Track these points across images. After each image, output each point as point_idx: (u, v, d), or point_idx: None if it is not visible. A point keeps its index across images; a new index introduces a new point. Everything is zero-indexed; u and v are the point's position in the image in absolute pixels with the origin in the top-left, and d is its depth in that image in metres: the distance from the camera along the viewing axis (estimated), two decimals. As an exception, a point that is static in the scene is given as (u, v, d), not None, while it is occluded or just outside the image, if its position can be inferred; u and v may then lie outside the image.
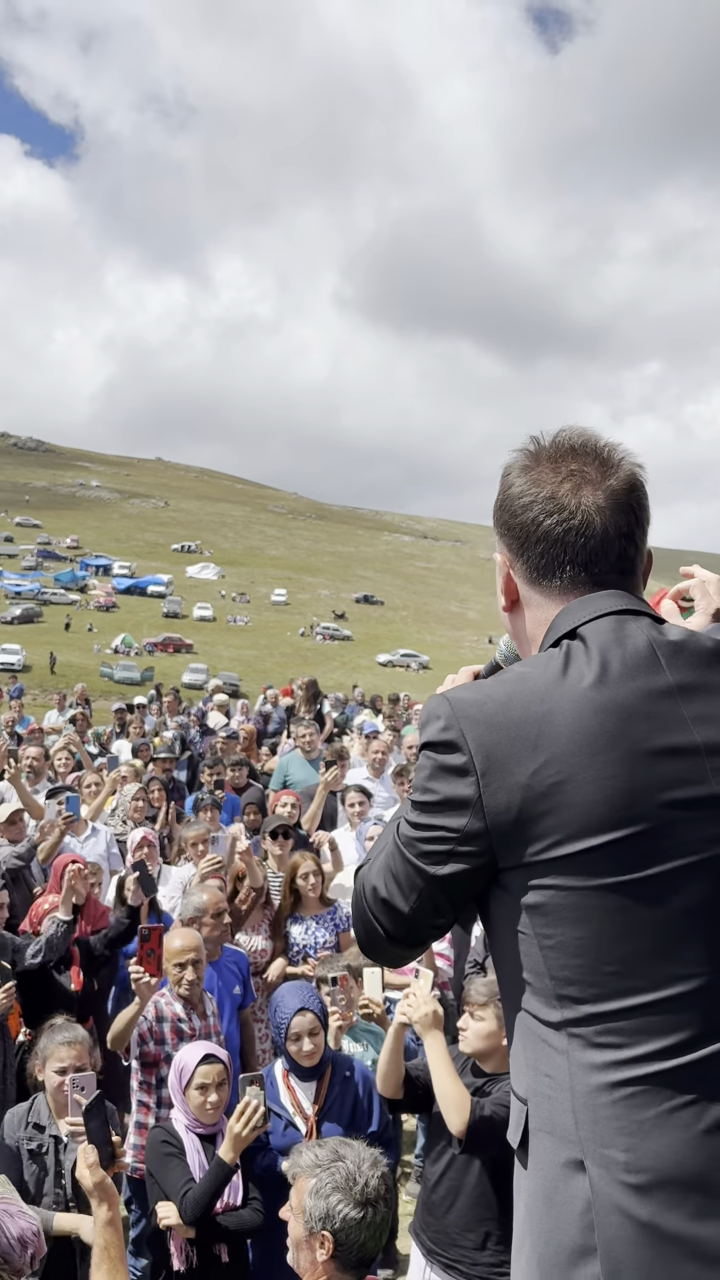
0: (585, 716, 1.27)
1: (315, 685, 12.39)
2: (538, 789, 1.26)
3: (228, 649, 65.96)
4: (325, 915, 5.42)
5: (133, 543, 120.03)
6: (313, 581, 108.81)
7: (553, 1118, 1.27)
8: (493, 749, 1.28)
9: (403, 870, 1.36)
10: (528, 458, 1.43)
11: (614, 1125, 1.22)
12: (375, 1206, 2.27)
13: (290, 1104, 3.56)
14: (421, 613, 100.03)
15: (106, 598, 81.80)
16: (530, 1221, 1.31)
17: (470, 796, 1.29)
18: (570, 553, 1.38)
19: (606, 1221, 1.21)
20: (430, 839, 1.33)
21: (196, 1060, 3.42)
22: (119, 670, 48.70)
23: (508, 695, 1.32)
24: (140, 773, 8.92)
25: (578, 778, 1.25)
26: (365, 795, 7.13)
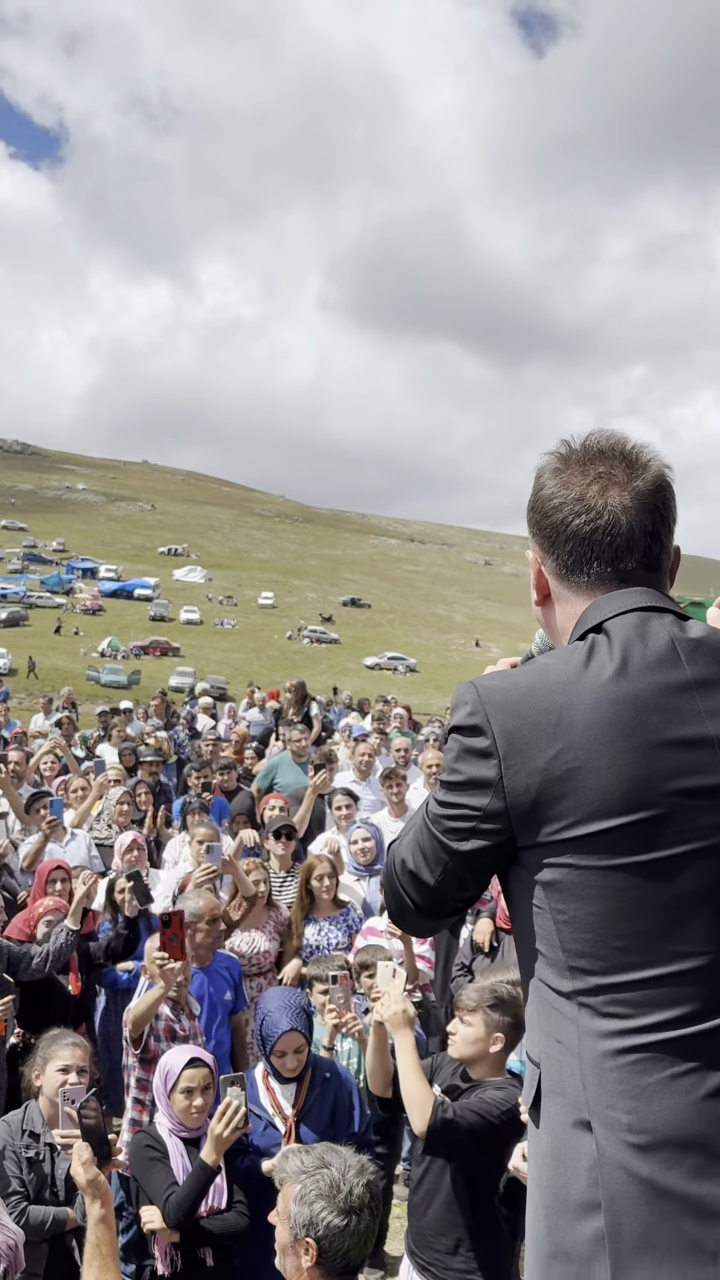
0: (603, 707, 1.35)
1: (304, 688, 12.39)
2: (555, 773, 1.34)
3: (215, 652, 65.84)
4: (339, 916, 5.44)
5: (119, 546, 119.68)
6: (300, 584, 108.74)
7: (563, 1080, 1.36)
8: (515, 734, 1.37)
9: (429, 845, 1.46)
10: (559, 461, 1.52)
11: (618, 1089, 1.31)
12: (360, 1214, 2.25)
13: (270, 1105, 3.57)
14: (408, 616, 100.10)
15: (93, 601, 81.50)
16: (540, 1177, 1.39)
17: (492, 778, 1.38)
18: (597, 550, 1.46)
19: (610, 1178, 1.30)
20: (455, 816, 1.42)
21: (182, 1064, 3.43)
22: (105, 674, 48.53)
23: (531, 684, 1.41)
24: (124, 776, 8.89)
25: (593, 765, 1.33)
26: (352, 798, 7.14)
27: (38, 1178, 3.47)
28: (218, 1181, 3.28)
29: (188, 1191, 3.18)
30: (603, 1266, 1.29)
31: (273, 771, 8.78)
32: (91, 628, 70.36)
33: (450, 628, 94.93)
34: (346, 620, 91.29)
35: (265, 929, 5.52)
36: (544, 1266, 1.36)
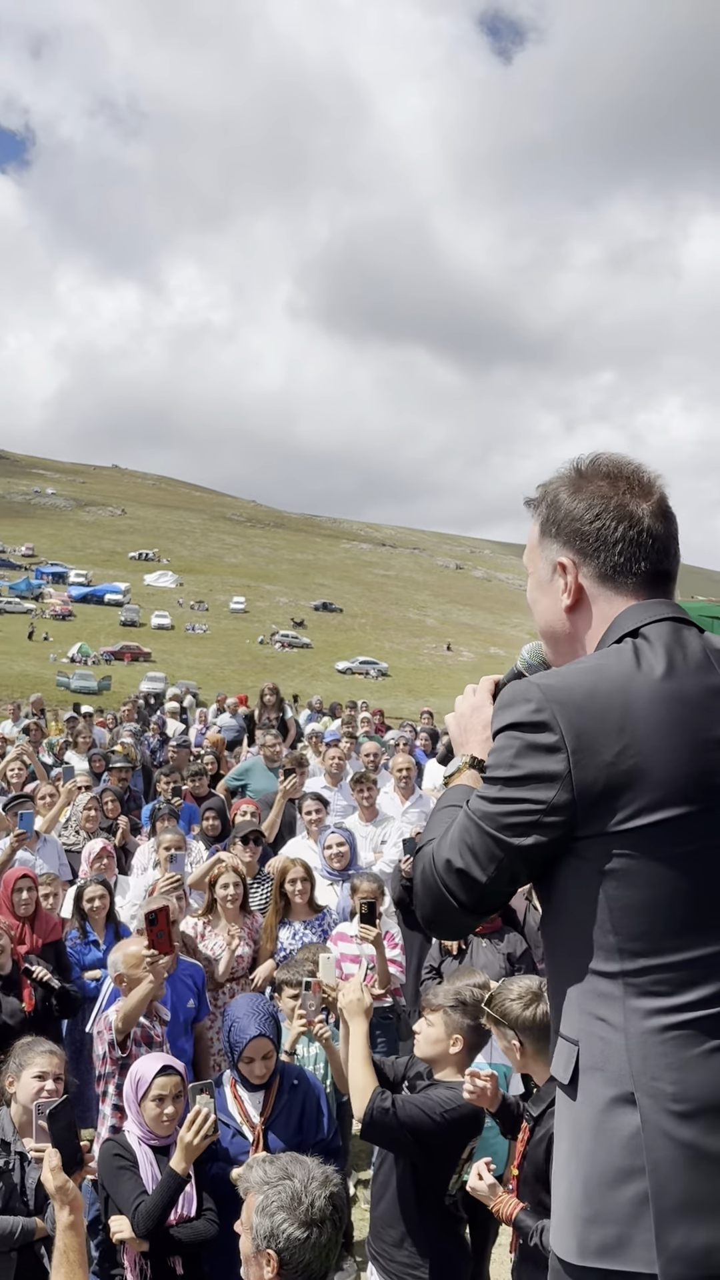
0: (658, 706, 1.48)
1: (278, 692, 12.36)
2: (620, 768, 1.45)
3: (186, 657, 65.52)
4: (314, 921, 5.42)
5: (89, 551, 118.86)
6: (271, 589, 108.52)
7: (605, 1056, 1.47)
8: (582, 730, 1.47)
9: (480, 843, 1.52)
10: (576, 476, 1.68)
11: (663, 1061, 1.43)
12: (322, 1227, 2.22)
13: (238, 1113, 3.56)
14: (380, 620, 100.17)
15: (63, 606, 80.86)
16: (577, 1148, 1.48)
17: (560, 772, 1.47)
18: (644, 552, 1.62)
19: (654, 1144, 1.42)
20: (514, 812, 1.49)
21: (154, 1072, 3.41)
22: (75, 679, 48.13)
23: (592, 684, 1.51)
24: (93, 783, 8.83)
25: (654, 759, 1.46)
26: (322, 803, 7.13)
27: (6, 1187, 3.44)
28: (187, 1190, 3.26)
29: (157, 1201, 3.16)
30: (645, 1226, 1.40)
31: (244, 775, 8.75)
32: (61, 633, 69.78)
33: (422, 632, 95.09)
34: (318, 625, 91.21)
35: (242, 934, 5.49)
36: (581, 1232, 1.45)
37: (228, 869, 5.57)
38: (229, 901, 5.42)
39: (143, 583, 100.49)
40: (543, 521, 1.71)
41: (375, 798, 7.27)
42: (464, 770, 1.76)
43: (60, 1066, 3.64)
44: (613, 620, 1.62)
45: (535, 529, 1.75)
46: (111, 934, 5.55)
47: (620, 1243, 1.42)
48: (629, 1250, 1.41)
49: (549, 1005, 1.70)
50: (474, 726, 1.80)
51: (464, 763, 1.77)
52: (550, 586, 1.69)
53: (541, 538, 1.71)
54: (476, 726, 1.80)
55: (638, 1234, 1.41)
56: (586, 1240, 1.44)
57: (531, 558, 1.75)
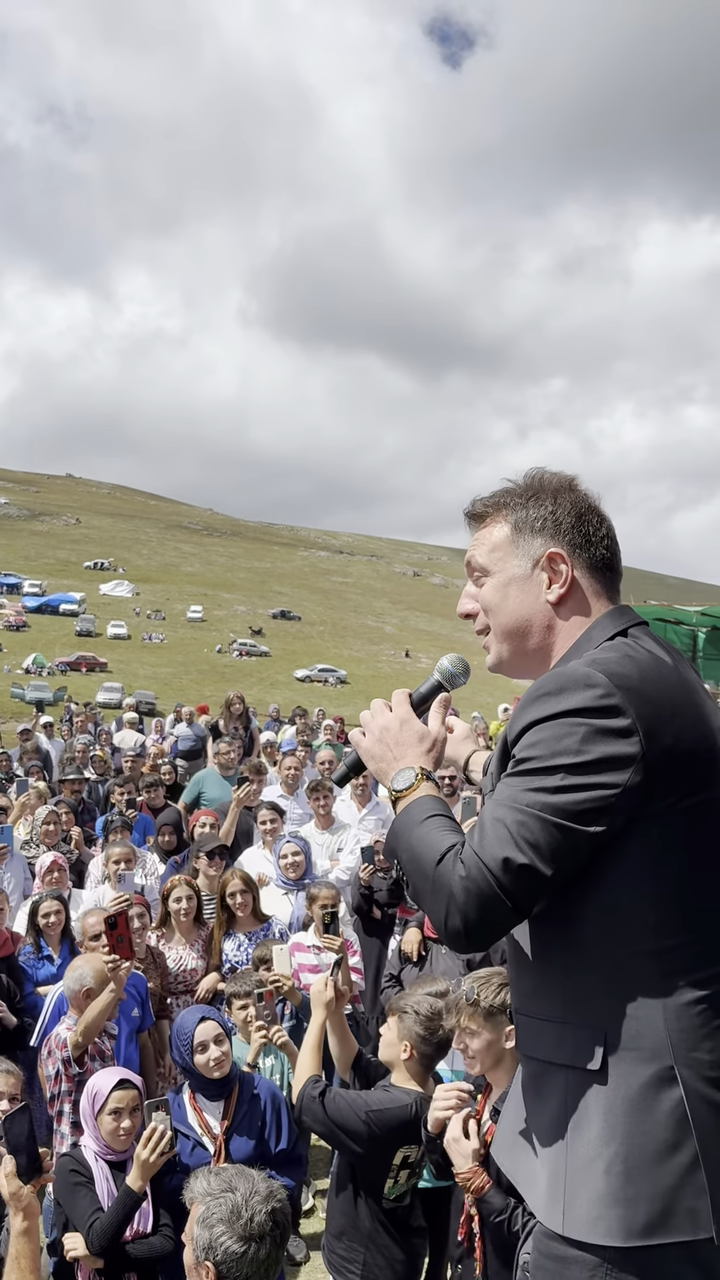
0: (686, 693, 1.58)
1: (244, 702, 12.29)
2: (677, 750, 1.52)
3: (143, 667, 65.01)
4: (258, 932, 5.39)
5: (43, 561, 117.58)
6: (229, 598, 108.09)
7: (639, 1035, 1.50)
8: (648, 714, 1.52)
9: (545, 836, 1.49)
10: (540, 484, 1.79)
11: (700, 1032, 1.49)
12: (260, 1242, 2.19)
13: (198, 1125, 3.54)
14: (339, 628, 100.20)
15: (16, 617, 79.83)
16: (614, 1130, 1.49)
17: (635, 754, 1.50)
18: (617, 554, 1.77)
19: (698, 1111, 1.47)
20: (586, 799, 1.49)
21: (110, 1086, 3.38)
22: (30, 691, 47.51)
23: (640, 671, 1.57)
24: (46, 796, 8.71)
25: (697, 743, 1.54)
26: (277, 812, 7.10)
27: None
28: (144, 1205, 3.23)
29: (112, 1218, 3.13)
30: (691, 1194, 1.45)
31: (198, 785, 8.68)
32: (15, 644, 68.90)
33: (380, 639, 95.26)
34: (276, 633, 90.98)
35: (194, 946, 5.48)
36: (625, 1214, 1.46)
37: (180, 882, 5.57)
38: (182, 915, 5.46)
39: (98, 592, 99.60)
40: (518, 521, 1.77)
41: (331, 805, 7.25)
42: (420, 783, 1.70)
43: (17, 1086, 3.58)
44: (596, 619, 1.71)
45: (501, 530, 1.79)
46: (67, 949, 5.48)
47: (665, 1216, 1.45)
48: (673, 1221, 1.44)
49: (531, 999, 1.66)
50: (407, 740, 1.76)
51: (419, 775, 1.71)
52: (529, 581, 1.75)
53: (516, 536, 1.77)
54: (410, 740, 1.75)
55: (682, 1203, 1.44)
56: (633, 1220, 1.46)
57: (498, 556, 1.79)
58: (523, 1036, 1.71)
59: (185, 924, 5.49)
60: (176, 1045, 3.62)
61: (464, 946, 1.55)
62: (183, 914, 5.46)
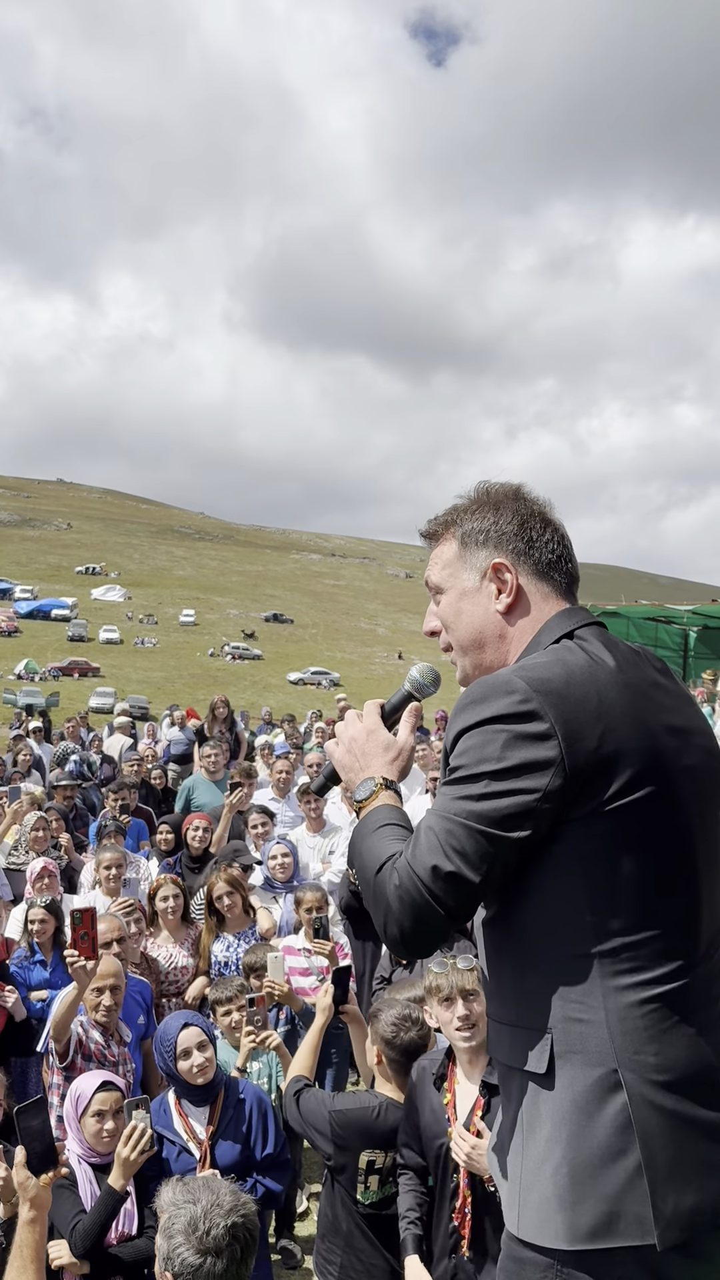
0: (621, 694, 1.57)
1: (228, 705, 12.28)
2: (603, 751, 1.52)
3: (136, 671, 64.91)
4: (247, 932, 5.40)
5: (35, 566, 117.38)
6: (221, 601, 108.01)
7: (584, 1038, 1.50)
8: (569, 717, 1.52)
9: (470, 843, 1.51)
10: (487, 498, 1.82)
11: (644, 1034, 1.49)
12: (218, 1256, 2.16)
13: (184, 1130, 3.54)
14: (331, 630, 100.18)
15: (8, 622, 79.66)
16: (560, 1132, 1.50)
17: (554, 758, 1.50)
18: (567, 555, 1.79)
19: (642, 1116, 1.46)
20: (507, 805, 1.51)
21: (94, 1088, 3.39)
22: (23, 696, 47.38)
23: (565, 674, 1.58)
24: (40, 801, 8.70)
25: (627, 743, 1.53)
26: (268, 815, 7.10)
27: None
28: (128, 1207, 3.24)
29: (94, 1219, 3.14)
30: (636, 1199, 1.44)
31: (188, 791, 8.68)
32: (7, 649, 68.74)
33: (373, 641, 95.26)
34: (269, 636, 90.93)
35: (184, 945, 5.50)
36: (570, 1217, 1.47)
37: (167, 881, 5.60)
38: (170, 913, 5.49)
39: (90, 597, 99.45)
40: (464, 535, 1.81)
41: (323, 808, 7.26)
42: (379, 793, 1.74)
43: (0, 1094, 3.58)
44: (544, 622, 1.73)
45: (451, 546, 1.84)
46: (58, 956, 5.48)
47: (610, 1220, 1.45)
48: (619, 1226, 1.44)
49: (492, 1001, 1.68)
50: (372, 750, 1.80)
51: (378, 785, 1.75)
52: (479, 593, 1.78)
53: (464, 550, 1.81)
54: (375, 750, 1.80)
55: (627, 1208, 1.44)
56: (577, 1224, 1.46)
57: (449, 573, 1.83)
58: (490, 1040, 1.74)
59: (173, 922, 5.52)
60: (160, 1051, 3.63)
61: (403, 953, 1.59)
62: (170, 912, 5.50)
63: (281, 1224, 4.89)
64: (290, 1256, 4.75)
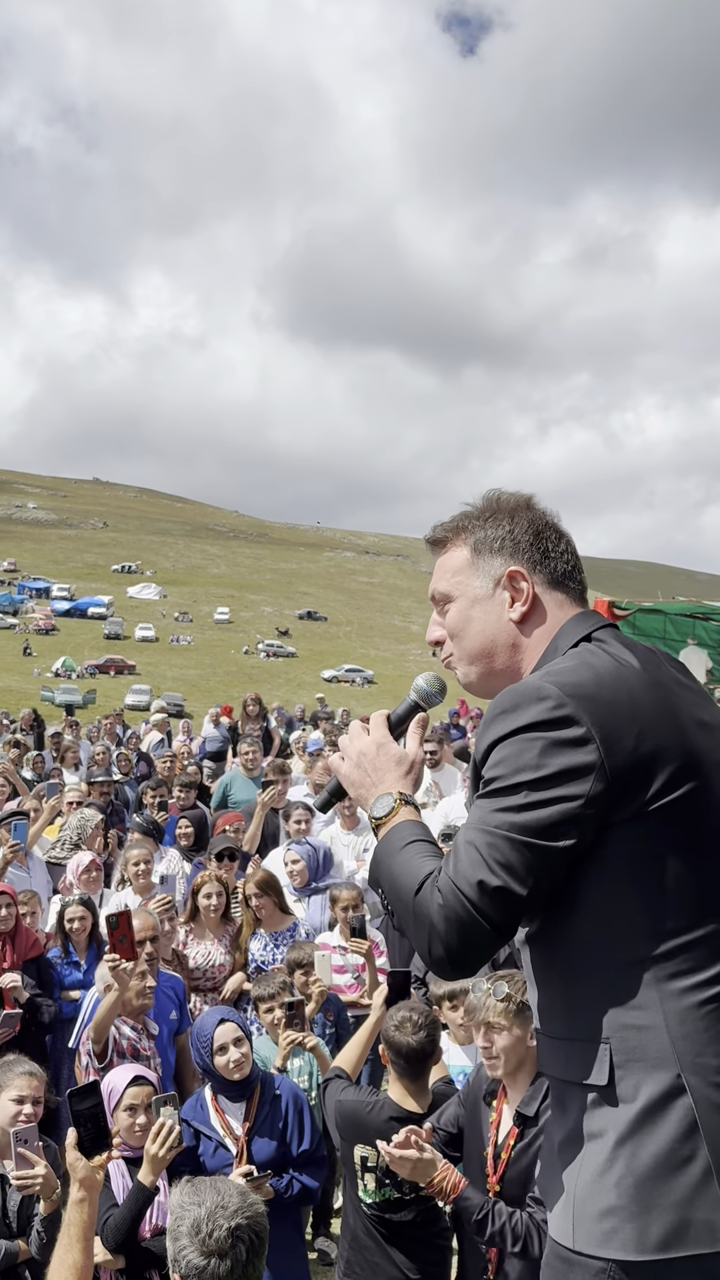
0: (650, 692, 1.56)
1: (260, 702, 12.32)
2: (643, 751, 1.50)
3: (171, 669, 65.37)
4: (284, 932, 5.39)
5: (72, 564, 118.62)
6: (255, 599, 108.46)
7: (644, 1045, 1.47)
8: (605, 720, 1.50)
9: (516, 856, 1.47)
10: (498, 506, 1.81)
11: (705, 1036, 1.46)
12: (222, 1259, 2.15)
13: (220, 1126, 3.55)
14: (365, 628, 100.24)
15: (46, 620, 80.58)
16: (622, 1145, 1.46)
17: (594, 762, 1.48)
18: (578, 568, 1.78)
19: (709, 1119, 1.43)
20: (551, 814, 1.47)
21: (126, 1082, 3.40)
22: (60, 694, 47.92)
23: (594, 676, 1.56)
24: (84, 798, 8.77)
25: (665, 741, 1.52)
26: (309, 812, 7.09)
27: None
28: (160, 1201, 3.25)
29: (125, 1213, 3.15)
30: (711, 1199, 1.41)
31: (225, 788, 8.71)
32: (45, 647, 69.51)
33: (407, 638, 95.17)
34: (303, 633, 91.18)
35: (222, 942, 5.50)
36: (638, 1228, 1.43)
37: (210, 879, 5.60)
38: (211, 910, 5.49)
39: (126, 595, 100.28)
40: (476, 543, 1.79)
41: (357, 806, 7.23)
42: (399, 808, 1.68)
43: (40, 1088, 3.60)
44: (559, 629, 1.71)
45: (461, 554, 1.81)
46: (94, 954, 5.50)
47: (680, 1229, 1.41)
48: (689, 1234, 1.41)
49: (544, 1018, 1.64)
50: (384, 764, 1.74)
51: (397, 801, 1.69)
52: (491, 601, 1.76)
53: (476, 558, 1.79)
54: (388, 764, 1.74)
55: (697, 1215, 1.41)
56: (646, 1235, 1.43)
57: (459, 580, 1.80)
58: (541, 1055, 1.69)
59: (214, 920, 5.51)
60: (196, 1047, 3.64)
61: (449, 974, 1.54)
62: (212, 910, 5.49)
63: (318, 1222, 4.88)
64: (326, 1256, 4.74)
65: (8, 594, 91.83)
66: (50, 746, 14.13)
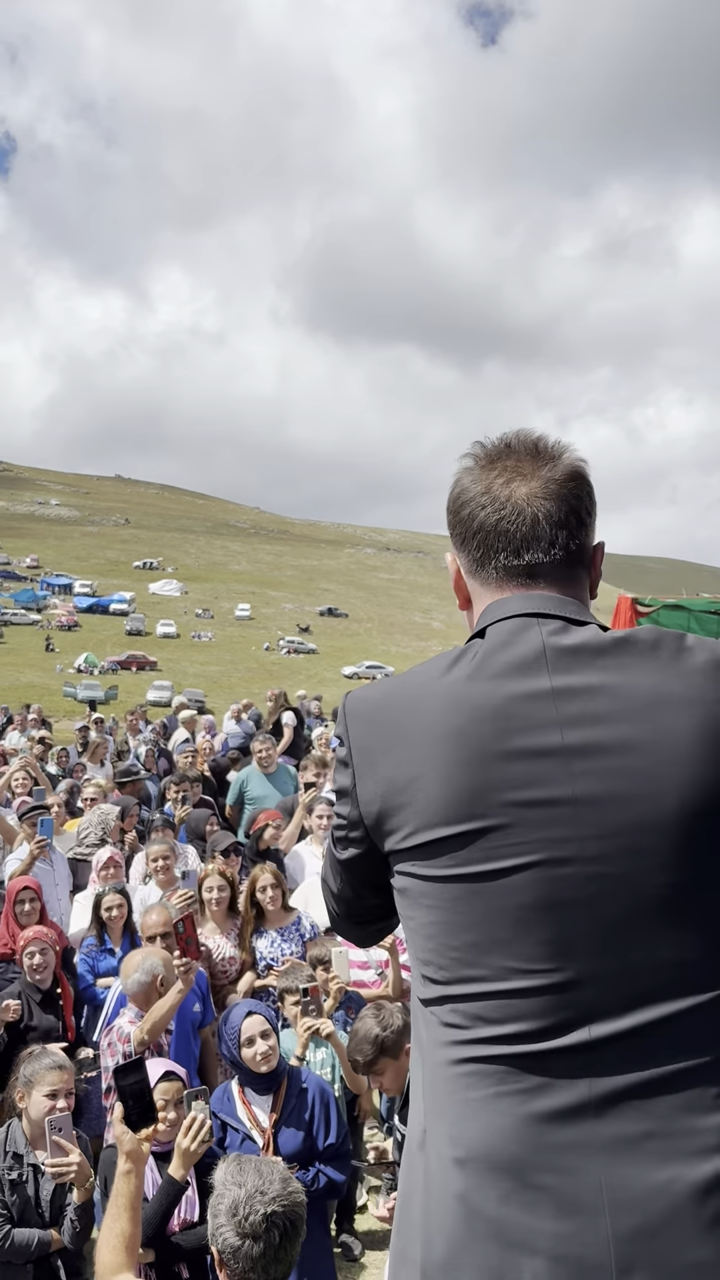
0: (444, 714, 1.31)
1: (283, 698, 12.32)
2: (397, 782, 1.33)
3: (192, 665, 65.60)
4: (289, 927, 5.40)
5: (94, 561, 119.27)
6: (276, 595, 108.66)
7: (415, 1089, 1.36)
8: (365, 743, 1.38)
9: (328, 854, 1.52)
10: (472, 460, 1.46)
11: (448, 1099, 1.27)
12: (256, 1240, 2.18)
13: (247, 1118, 3.56)
14: (386, 624, 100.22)
15: (68, 617, 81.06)
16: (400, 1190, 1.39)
17: (348, 787, 1.39)
18: (502, 541, 1.40)
19: (432, 1191, 1.26)
20: (335, 825, 1.46)
21: (157, 1078, 3.41)
22: (82, 690, 48.17)
23: (387, 693, 1.41)
24: (108, 792, 8.84)
25: (427, 773, 1.30)
26: (332, 807, 7.09)
27: (20, 1200, 3.45)
28: (190, 1195, 3.26)
29: (156, 1207, 3.17)
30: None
31: (242, 783, 8.73)
32: (67, 643, 69.95)
33: (428, 635, 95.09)
34: (324, 630, 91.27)
35: (230, 935, 5.49)
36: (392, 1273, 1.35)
37: (213, 872, 5.63)
38: (214, 904, 5.50)
39: (148, 592, 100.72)
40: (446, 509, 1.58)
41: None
42: None
43: (70, 1081, 3.65)
44: (476, 621, 1.45)
45: None
46: (128, 943, 5.56)
47: None
48: None
49: None
50: None
51: None
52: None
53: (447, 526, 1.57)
54: None
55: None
56: None
57: None
58: None
59: (219, 913, 5.51)
60: (224, 1039, 3.66)
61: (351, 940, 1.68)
62: (214, 903, 5.50)
63: (341, 1217, 4.91)
64: (350, 1251, 4.77)
65: (30, 590, 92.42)
66: (76, 740, 14.23)
